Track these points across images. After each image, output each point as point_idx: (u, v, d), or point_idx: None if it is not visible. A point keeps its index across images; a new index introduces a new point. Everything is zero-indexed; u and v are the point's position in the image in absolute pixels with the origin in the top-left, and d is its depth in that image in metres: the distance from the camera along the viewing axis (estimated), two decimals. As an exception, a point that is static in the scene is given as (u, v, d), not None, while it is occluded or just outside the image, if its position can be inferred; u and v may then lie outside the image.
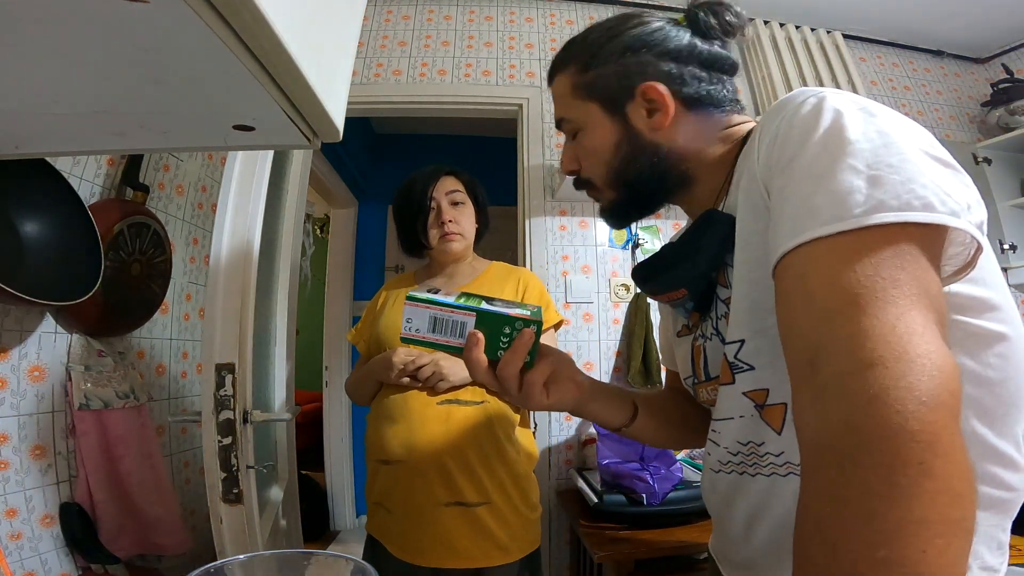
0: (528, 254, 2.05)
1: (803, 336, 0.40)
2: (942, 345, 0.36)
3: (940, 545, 0.31)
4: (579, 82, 0.65)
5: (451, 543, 1.09)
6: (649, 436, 0.75)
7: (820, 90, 0.48)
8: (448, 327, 0.55)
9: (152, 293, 1.39)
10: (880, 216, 0.38)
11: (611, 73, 0.63)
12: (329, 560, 0.48)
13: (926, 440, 0.32)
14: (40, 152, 0.64)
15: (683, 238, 0.63)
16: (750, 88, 2.35)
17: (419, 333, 0.55)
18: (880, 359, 0.34)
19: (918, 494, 0.31)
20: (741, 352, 0.53)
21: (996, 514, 0.50)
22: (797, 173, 0.44)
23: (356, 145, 3.34)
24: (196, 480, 1.56)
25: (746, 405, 0.54)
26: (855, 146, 0.41)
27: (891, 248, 0.38)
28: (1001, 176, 2.36)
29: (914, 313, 0.36)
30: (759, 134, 0.51)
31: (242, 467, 0.97)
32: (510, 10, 2.38)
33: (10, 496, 1.03)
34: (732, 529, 0.59)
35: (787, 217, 0.43)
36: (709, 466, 0.62)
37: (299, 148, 0.73)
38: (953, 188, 0.41)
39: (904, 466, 0.32)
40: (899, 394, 0.33)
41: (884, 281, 0.37)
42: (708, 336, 0.61)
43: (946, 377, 0.34)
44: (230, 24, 0.35)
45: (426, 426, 1.12)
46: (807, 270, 0.41)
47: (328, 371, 3.38)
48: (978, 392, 0.48)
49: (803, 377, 0.39)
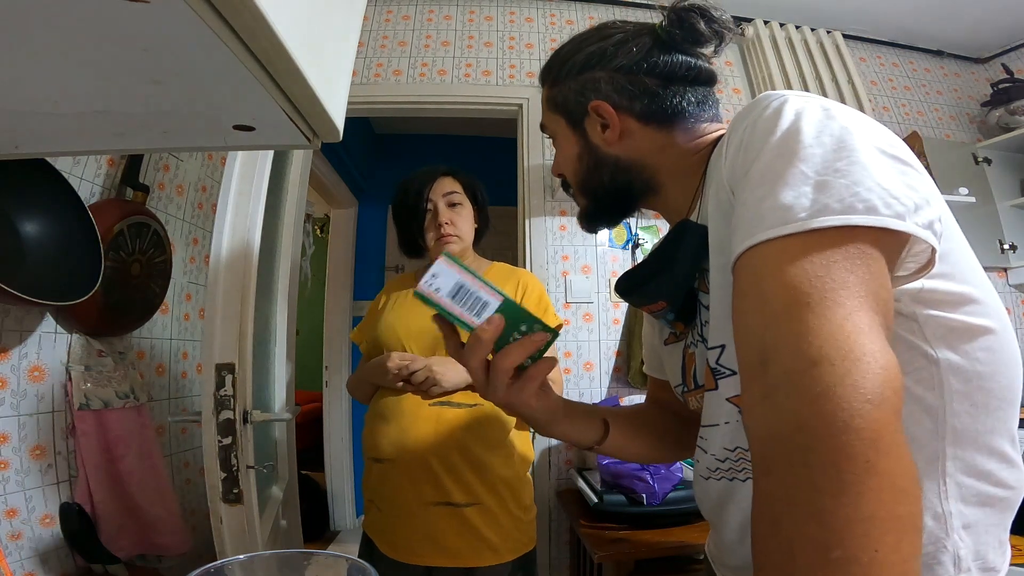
0: (528, 254, 2.05)
1: (754, 334, 0.40)
2: (886, 345, 0.37)
3: (891, 542, 0.31)
4: (549, 95, 0.70)
5: (440, 541, 1.10)
6: (625, 453, 0.74)
7: (783, 93, 0.48)
8: (470, 301, 0.51)
9: (152, 293, 1.39)
10: (823, 220, 0.39)
11: (570, 90, 0.66)
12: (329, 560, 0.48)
13: (870, 437, 0.33)
14: (40, 152, 0.64)
15: (658, 250, 0.64)
16: (750, 88, 2.35)
17: (439, 294, 0.51)
18: (826, 357, 0.35)
19: (864, 491, 0.32)
20: (722, 357, 0.53)
21: (997, 512, 0.49)
22: (753, 178, 0.45)
23: (356, 145, 3.34)
24: (196, 480, 1.56)
25: (730, 410, 0.54)
26: (807, 151, 0.42)
27: (840, 251, 0.39)
28: (1001, 176, 2.36)
29: (861, 314, 0.37)
30: (727, 140, 0.52)
31: (242, 467, 0.97)
32: (510, 10, 2.38)
33: (10, 496, 1.03)
34: (727, 534, 0.59)
35: (742, 221, 0.44)
36: (699, 473, 0.62)
37: (299, 148, 0.73)
38: (902, 190, 0.41)
39: (850, 463, 0.32)
40: (844, 391, 0.34)
41: (833, 283, 0.38)
42: (695, 343, 0.61)
43: (890, 375, 0.35)
44: (230, 24, 0.35)
45: (416, 426, 1.12)
46: (760, 270, 0.41)
47: (328, 371, 3.38)
48: (966, 387, 0.48)
49: (753, 375, 0.40)
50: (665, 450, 0.77)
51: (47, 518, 1.09)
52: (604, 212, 0.71)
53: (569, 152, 0.68)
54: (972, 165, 2.36)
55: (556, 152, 0.72)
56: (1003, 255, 2.28)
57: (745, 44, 2.39)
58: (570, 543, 1.84)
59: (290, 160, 1.56)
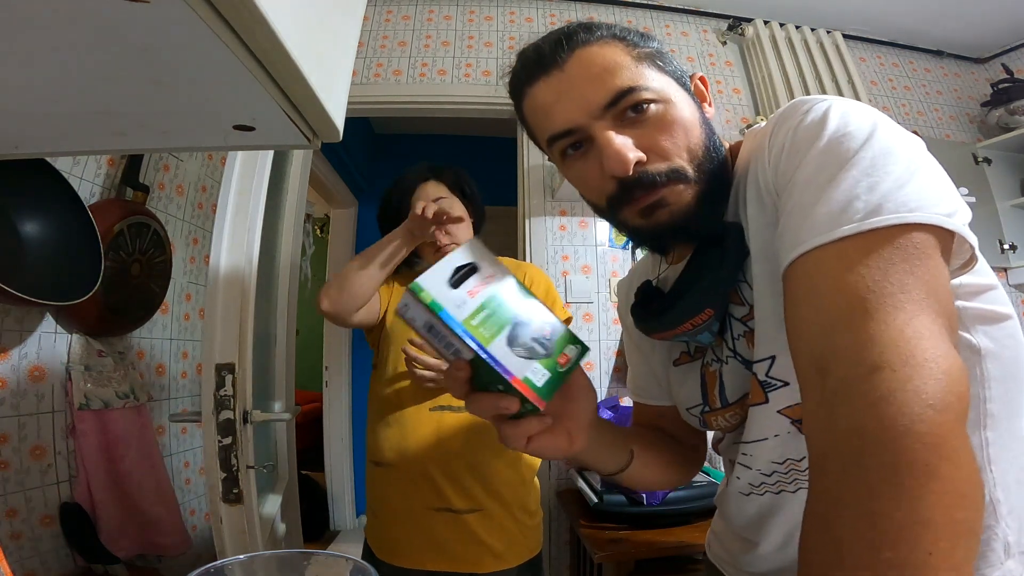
0: (528, 254, 2.05)
1: (811, 342, 0.40)
2: (950, 349, 0.36)
3: (945, 547, 0.31)
4: (641, 54, 0.54)
5: (441, 546, 1.09)
6: (638, 484, 0.68)
7: (826, 98, 0.48)
8: (442, 339, 0.44)
9: (152, 293, 1.39)
10: (877, 220, 0.39)
11: (666, 58, 0.57)
12: (329, 560, 0.48)
13: (932, 442, 0.32)
14: (40, 152, 0.64)
15: (698, 257, 0.57)
16: (750, 88, 2.35)
17: (414, 324, 0.44)
18: (887, 363, 0.34)
19: (923, 495, 0.31)
20: (772, 369, 0.51)
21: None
22: (800, 184, 0.45)
23: (356, 145, 3.34)
24: (196, 480, 1.56)
25: (782, 423, 0.52)
26: (856, 156, 0.42)
27: (898, 252, 0.38)
28: (1001, 176, 2.36)
29: (923, 318, 0.36)
30: (768, 144, 0.51)
31: (242, 467, 0.97)
32: (510, 10, 2.38)
33: (10, 496, 1.03)
34: (766, 546, 0.58)
35: (791, 228, 0.43)
36: (738, 490, 0.60)
37: (299, 148, 0.73)
38: (945, 192, 0.42)
39: (909, 467, 0.32)
40: (905, 397, 0.33)
41: (892, 286, 0.37)
42: (723, 359, 0.58)
43: (953, 380, 0.34)
44: (230, 24, 0.35)
45: (417, 432, 1.12)
46: (815, 276, 0.41)
47: (328, 371, 3.38)
48: (1001, 372, 0.49)
49: (812, 384, 0.39)
50: (677, 474, 0.72)
51: (47, 518, 1.09)
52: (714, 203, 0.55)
53: (692, 115, 0.54)
54: (972, 165, 2.36)
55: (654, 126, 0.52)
56: (1003, 255, 2.27)
57: (745, 44, 2.39)
58: (570, 543, 1.84)
59: (290, 160, 1.56)
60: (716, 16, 2.44)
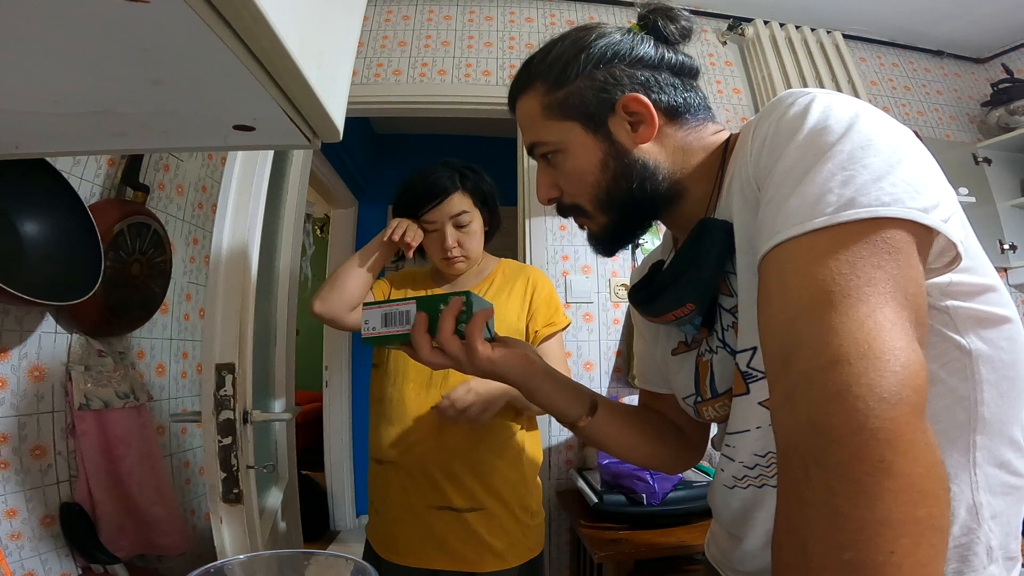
0: (528, 254, 2.05)
1: (777, 334, 0.40)
2: (911, 342, 0.36)
3: (907, 545, 0.30)
4: (551, 102, 0.61)
5: (442, 544, 1.09)
6: (611, 441, 0.71)
7: (809, 91, 0.48)
8: (397, 318, 0.63)
9: (152, 293, 1.39)
10: (849, 213, 0.39)
11: (586, 88, 0.59)
12: (329, 560, 0.48)
13: (885, 438, 0.32)
14: (40, 152, 0.64)
15: (681, 252, 0.59)
16: (750, 88, 2.35)
17: (375, 331, 0.64)
18: (845, 356, 0.34)
19: (880, 493, 0.31)
20: (753, 360, 0.51)
21: (1015, 502, 0.50)
22: (779, 175, 0.45)
23: (356, 145, 3.34)
24: (196, 480, 1.56)
25: (763, 415, 0.52)
26: (833, 149, 0.42)
27: (867, 245, 0.38)
28: (1001, 176, 2.36)
29: (886, 310, 0.36)
30: (751, 137, 0.51)
31: (242, 467, 0.97)
32: (510, 10, 2.38)
33: (10, 496, 1.03)
34: (750, 542, 0.57)
35: (767, 220, 0.44)
36: (722, 482, 0.60)
37: (299, 148, 0.73)
38: (926, 186, 0.41)
39: (864, 464, 0.32)
40: (860, 391, 0.33)
41: (859, 279, 0.37)
42: (714, 349, 0.59)
43: (910, 373, 0.34)
44: (230, 24, 0.35)
45: (418, 430, 1.12)
46: (785, 268, 0.41)
47: (328, 371, 3.38)
48: (995, 376, 0.48)
49: (777, 375, 0.39)
50: (665, 451, 0.74)
51: (47, 518, 1.09)
52: (627, 229, 0.63)
53: (588, 161, 0.60)
54: (972, 165, 2.36)
55: (551, 171, 0.63)
56: (1003, 255, 2.27)
57: (745, 44, 2.39)
58: (570, 543, 1.84)
59: (290, 160, 1.56)
60: (716, 16, 2.44)
